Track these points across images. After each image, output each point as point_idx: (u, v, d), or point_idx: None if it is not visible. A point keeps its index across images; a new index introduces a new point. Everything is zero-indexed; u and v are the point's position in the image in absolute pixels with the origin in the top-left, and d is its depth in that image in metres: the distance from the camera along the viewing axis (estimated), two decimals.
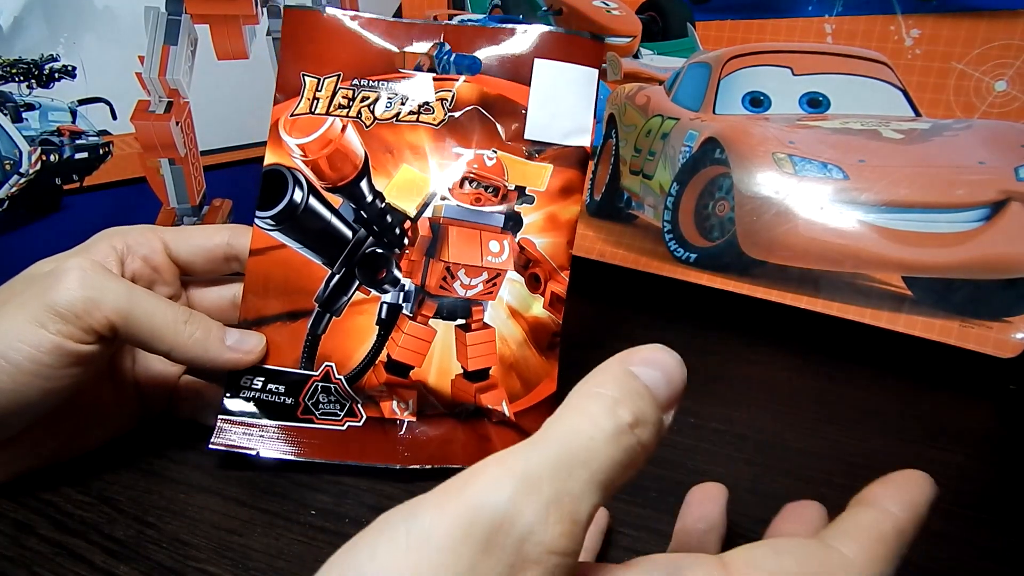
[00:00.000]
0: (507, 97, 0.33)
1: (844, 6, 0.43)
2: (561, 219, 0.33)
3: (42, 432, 0.30)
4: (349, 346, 0.32)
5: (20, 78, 0.41)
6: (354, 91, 0.33)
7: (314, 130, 0.32)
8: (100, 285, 0.27)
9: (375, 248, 0.33)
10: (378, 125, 0.33)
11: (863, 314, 0.44)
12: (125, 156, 0.46)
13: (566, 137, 0.33)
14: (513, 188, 0.33)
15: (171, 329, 0.29)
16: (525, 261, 0.33)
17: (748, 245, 0.46)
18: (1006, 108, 0.40)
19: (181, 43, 0.47)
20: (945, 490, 0.34)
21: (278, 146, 0.33)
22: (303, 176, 0.33)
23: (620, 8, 0.52)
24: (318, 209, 0.33)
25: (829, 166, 0.44)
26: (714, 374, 0.43)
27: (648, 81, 0.52)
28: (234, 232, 0.33)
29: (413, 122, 0.33)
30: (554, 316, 0.33)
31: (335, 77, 0.33)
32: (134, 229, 0.32)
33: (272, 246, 0.32)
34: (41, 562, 0.27)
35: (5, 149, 0.41)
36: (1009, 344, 0.41)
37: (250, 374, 0.32)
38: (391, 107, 0.33)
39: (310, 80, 0.33)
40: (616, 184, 0.54)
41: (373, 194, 0.33)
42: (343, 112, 0.33)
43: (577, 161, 0.33)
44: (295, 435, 0.32)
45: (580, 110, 0.33)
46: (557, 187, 0.33)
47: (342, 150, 0.33)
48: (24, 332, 0.26)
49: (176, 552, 0.28)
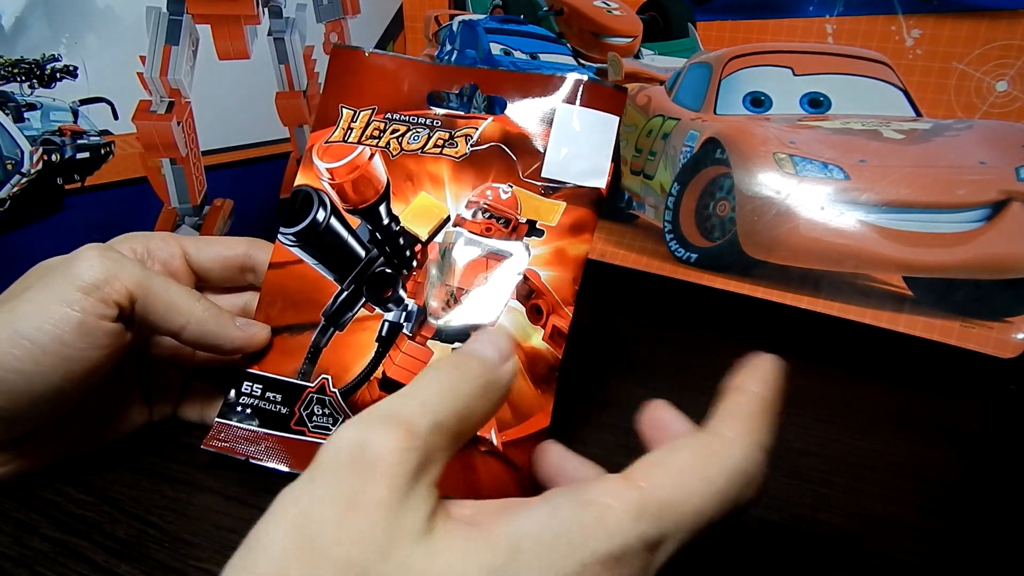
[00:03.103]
0: (528, 137, 0.34)
1: (845, 6, 0.43)
2: (569, 255, 0.33)
3: (52, 430, 0.30)
4: (347, 360, 0.33)
5: (22, 78, 0.41)
6: (386, 124, 0.35)
7: (344, 156, 0.35)
8: (118, 260, 0.29)
9: (384, 268, 0.34)
10: (403, 156, 0.35)
11: (863, 314, 0.44)
12: (127, 156, 0.46)
13: (582, 178, 0.33)
14: (524, 222, 0.33)
15: (186, 302, 0.30)
16: (528, 291, 0.33)
17: (749, 245, 0.46)
18: (1007, 108, 0.40)
19: (183, 43, 0.47)
20: (945, 490, 0.34)
21: (309, 169, 0.35)
22: (328, 198, 0.35)
23: (621, 8, 0.52)
24: (337, 228, 0.34)
25: (830, 166, 0.44)
26: (714, 374, 0.43)
27: (649, 81, 0.52)
28: (253, 244, 0.35)
29: (437, 154, 0.35)
30: (553, 350, 0.32)
31: (370, 110, 0.36)
32: (155, 235, 0.33)
33: (291, 261, 0.34)
34: (43, 562, 0.27)
35: (7, 149, 0.41)
36: (1010, 344, 0.41)
37: (250, 380, 0.33)
38: (418, 140, 0.35)
39: (347, 111, 0.36)
40: (617, 184, 0.54)
41: (390, 217, 0.34)
42: (373, 142, 0.35)
43: (591, 201, 0.33)
44: (287, 447, 0.32)
45: (598, 154, 0.34)
46: (568, 224, 0.33)
47: (367, 176, 0.35)
48: (50, 310, 0.27)
49: (178, 551, 0.28)
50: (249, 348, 0.32)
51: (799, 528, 0.31)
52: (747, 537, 0.30)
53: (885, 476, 0.34)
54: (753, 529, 0.30)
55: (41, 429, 0.29)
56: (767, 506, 0.32)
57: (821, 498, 0.33)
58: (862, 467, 0.35)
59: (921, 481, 0.34)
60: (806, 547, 0.30)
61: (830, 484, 0.34)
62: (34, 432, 0.29)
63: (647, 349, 0.46)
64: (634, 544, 0.16)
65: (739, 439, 0.18)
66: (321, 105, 0.36)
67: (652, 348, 0.46)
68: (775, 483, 0.33)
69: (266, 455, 0.32)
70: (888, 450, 0.36)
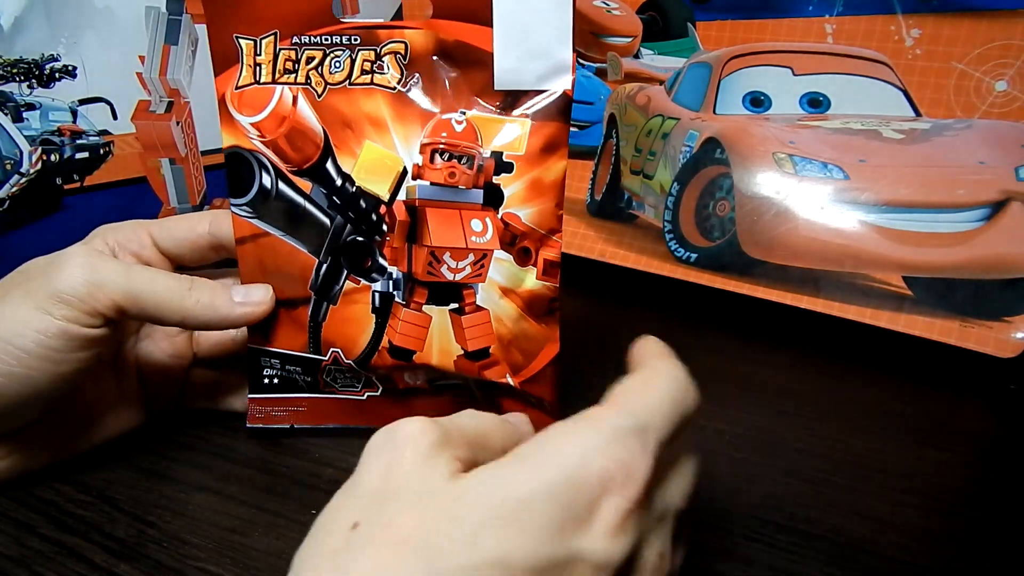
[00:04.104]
0: (468, 43, 0.29)
1: (844, 6, 0.43)
2: (545, 182, 0.30)
3: (48, 427, 0.30)
4: (351, 334, 0.33)
5: (21, 78, 0.41)
6: (296, 51, 0.30)
7: (264, 104, 0.30)
8: (99, 268, 0.28)
9: (355, 236, 0.32)
10: (331, 92, 0.30)
11: (863, 314, 0.44)
12: (126, 156, 0.46)
13: (542, 80, 0.29)
14: (489, 155, 0.30)
15: (177, 298, 0.29)
16: (511, 237, 0.31)
17: (748, 245, 0.46)
18: (1006, 108, 0.40)
19: (182, 43, 0.47)
20: (945, 490, 0.34)
21: (231, 125, 0.30)
22: (267, 160, 0.31)
23: (620, 8, 0.52)
24: (290, 195, 0.31)
25: (829, 166, 0.44)
26: (714, 374, 0.43)
27: (649, 81, 0.52)
28: (215, 219, 0.33)
29: (367, 85, 0.30)
30: (549, 283, 0.32)
31: (272, 36, 0.30)
32: (123, 225, 0.32)
33: (256, 234, 0.32)
34: (42, 561, 0.27)
35: (6, 149, 0.41)
36: (1009, 344, 0.41)
37: (266, 356, 0.33)
38: (340, 67, 0.30)
39: (246, 43, 0.30)
40: (616, 184, 0.54)
41: (342, 177, 0.31)
42: (291, 78, 0.30)
43: (558, 110, 0.29)
44: (323, 405, 0.33)
45: (555, 43, 0.28)
46: (538, 146, 0.30)
47: (299, 127, 0.30)
48: (30, 319, 0.27)
49: (177, 551, 0.28)
50: (255, 319, 0.32)
51: (799, 528, 0.31)
52: (747, 536, 0.30)
53: (885, 476, 0.34)
54: (753, 528, 0.30)
55: (36, 424, 0.29)
56: (767, 506, 0.32)
57: (822, 498, 0.33)
58: (862, 467, 0.35)
59: (921, 481, 0.34)
60: (806, 547, 0.30)
61: (830, 484, 0.34)
62: (26, 426, 0.29)
63: None
64: (623, 431, 0.20)
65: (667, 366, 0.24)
66: (212, 40, 0.30)
67: None
68: (775, 483, 0.33)
69: (307, 417, 0.33)
70: (888, 450, 0.36)
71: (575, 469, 0.19)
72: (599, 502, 0.19)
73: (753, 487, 0.33)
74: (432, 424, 0.21)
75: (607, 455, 0.20)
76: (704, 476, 0.33)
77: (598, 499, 0.19)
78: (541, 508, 0.19)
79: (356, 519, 0.19)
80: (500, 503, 0.19)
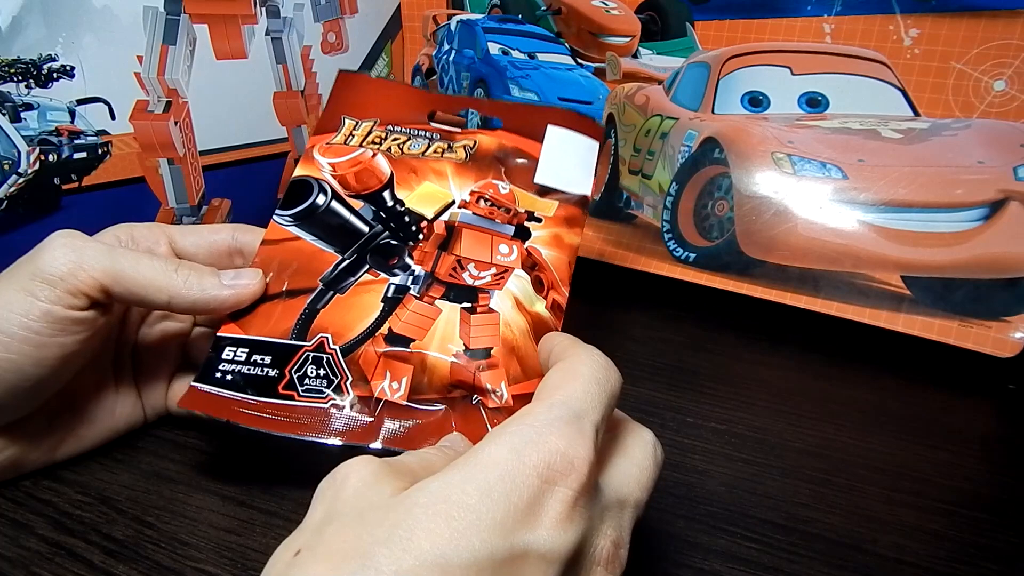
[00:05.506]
0: (521, 149, 0.38)
1: (843, 6, 0.43)
2: (565, 241, 0.36)
3: (43, 422, 0.30)
4: (349, 319, 0.33)
5: (18, 78, 0.41)
6: (387, 133, 0.38)
7: (346, 154, 0.36)
8: (82, 249, 0.28)
9: (389, 240, 0.34)
10: (405, 157, 0.37)
11: (862, 314, 0.44)
12: (124, 156, 0.46)
13: (570, 186, 0.37)
14: (523, 211, 0.36)
15: (163, 277, 0.29)
16: (532, 263, 0.35)
17: (747, 244, 0.46)
18: (1005, 108, 0.40)
19: (180, 43, 0.47)
20: (944, 489, 0.34)
21: (310, 163, 0.36)
22: (328, 185, 0.35)
23: (619, 7, 0.52)
24: (338, 209, 0.35)
25: (828, 166, 0.44)
26: (713, 374, 0.43)
27: (647, 81, 0.52)
28: (239, 229, 0.34)
29: (438, 158, 0.37)
30: (554, 320, 0.34)
31: (372, 122, 0.38)
32: (141, 224, 0.33)
33: (287, 238, 0.34)
34: (40, 562, 0.27)
35: (3, 149, 0.41)
36: (1008, 343, 0.41)
37: (233, 345, 0.31)
38: (419, 147, 0.37)
39: (349, 121, 0.38)
40: (615, 184, 0.54)
41: (394, 201, 0.36)
42: (375, 147, 0.37)
43: (579, 202, 0.37)
44: (272, 411, 0.31)
45: (582, 171, 0.38)
46: (562, 216, 0.36)
47: (369, 169, 0.36)
48: (13, 301, 0.27)
49: (175, 552, 0.28)
50: (244, 301, 0.31)
51: (799, 528, 0.31)
52: (747, 536, 0.30)
53: (884, 476, 0.34)
54: (753, 528, 0.30)
55: (29, 419, 0.29)
56: (767, 506, 0.32)
57: (821, 498, 0.33)
58: (862, 467, 0.35)
59: (921, 481, 0.34)
60: (806, 547, 0.30)
61: (830, 484, 0.34)
62: (20, 420, 0.29)
63: (647, 349, 0.46)
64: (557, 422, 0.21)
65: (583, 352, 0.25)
66: (324, 116, 0.38)
67: (652, 348, 0.46)
68: (775, 483, 0.33)
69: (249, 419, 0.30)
70: (888, 450, 0.36)
71: (508, 465, 0.20)
72: (544, 495, 0.20)
73: (753, 487, 0.33)
74: (374, 458, 0.22)
75: (543, 448, 0.20)
76: (703, 476, 0.34)
77: (542, 492, 0.20)
78: (476, 507, 0.19)
79: (299, 547, 0.19)
80: (435, 506, 0.19)
